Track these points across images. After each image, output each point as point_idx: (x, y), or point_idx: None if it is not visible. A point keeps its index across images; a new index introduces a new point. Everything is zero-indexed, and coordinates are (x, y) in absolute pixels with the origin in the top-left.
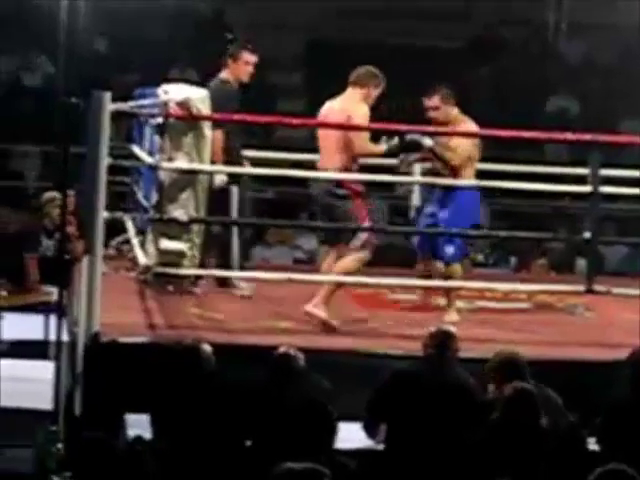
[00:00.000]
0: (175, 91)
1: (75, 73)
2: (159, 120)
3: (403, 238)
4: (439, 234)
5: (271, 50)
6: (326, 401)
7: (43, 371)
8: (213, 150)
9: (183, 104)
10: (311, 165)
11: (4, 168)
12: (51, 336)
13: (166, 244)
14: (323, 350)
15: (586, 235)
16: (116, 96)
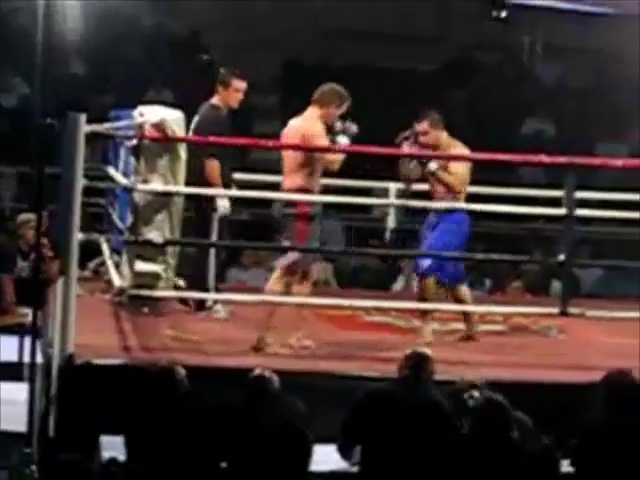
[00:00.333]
0: (150, 113)
1: (51, 94)
2: (134, 142)
3: (377, 260)
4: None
5: (247, 71)
6: (301, 423)
7: (17, 393)
8: (211, 179)
9: (158, 126)
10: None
11: None
12: (25, 358)
13: (141, 266)
14: (298, 372)
15: (561, 258)
16: (92, 117)
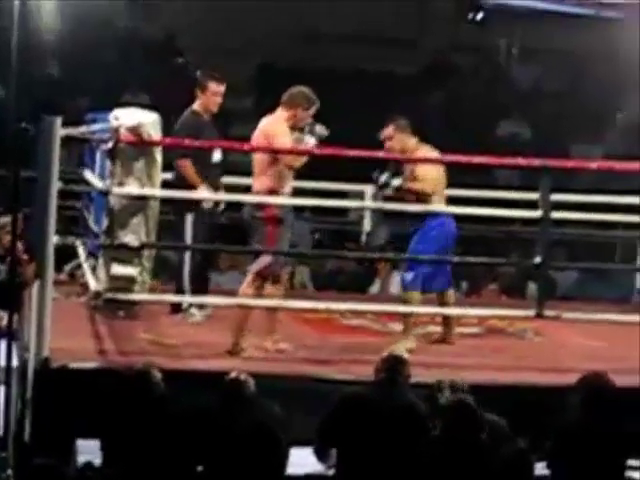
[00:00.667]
0: (126, 116)
1: (26, 97)
2: (110, 145)
3: (354, 263)
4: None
5: (222, 74)
6: (277, 426)
7: None
8: (188, 179)
9: (134, 129)
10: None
11: None
12: (1, 361)
13: (117, 269)
14: (274, 375)
15: (537, 260)
16: (68, 120)
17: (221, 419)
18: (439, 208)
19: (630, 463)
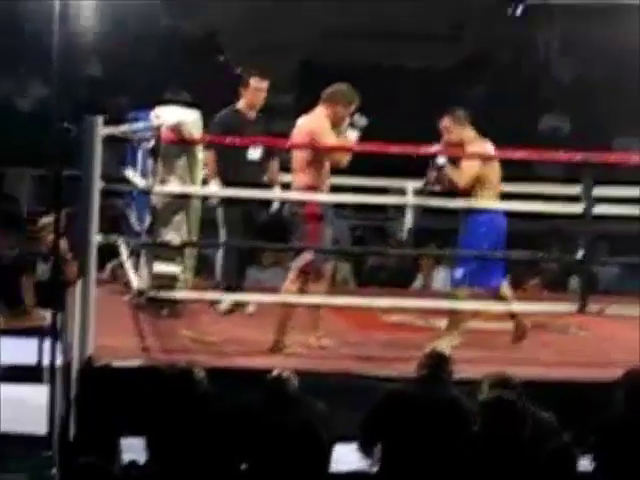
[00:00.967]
0: (167, 114)
1: (68, 97)
2: (151, 144)
3: (395, 259)
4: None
5: (264, 71)
6: (320, 424)
7: (37, 396)
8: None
9: (175, 128)
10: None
11: None
12: (45, 360)
13: (159, 267)
14: (317, 373)
15: (579, 255)
16: (109, 119)
17: (264, 417)
18: (478, 204)
19: None
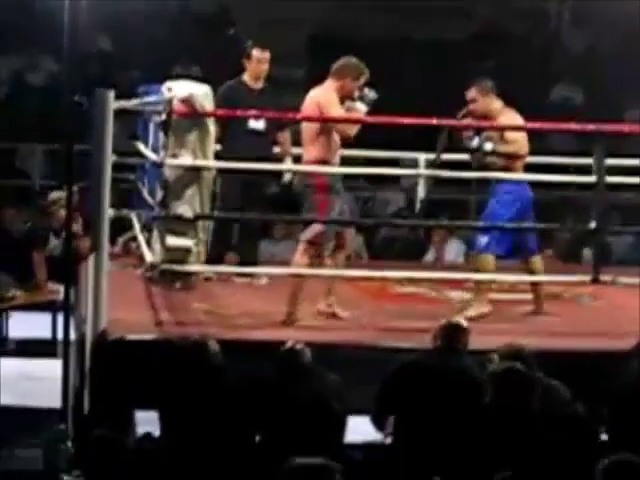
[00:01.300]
0: (178, 88)
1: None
2: (163, 117)
3: (407, 230)
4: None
5: (274, 45)
6: (334, 396)
7: (51, 369)
8: None
9: (187, 101)
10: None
11: (10, 167)
12: (59, 334)
13: (172, 241)
14: (330, 344)
15: (592, 225)
16: (120, 93)
17: (278, 389)
18: (502, 175)
19: None
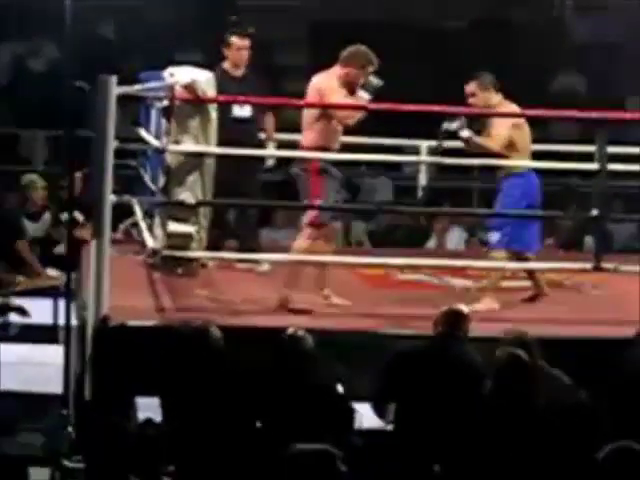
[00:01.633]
0: (181, 74)
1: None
2: (165, 103)
3: (409, 218)
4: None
5: (275, 31)
6: (335, 382)
7: (53, 355)
8: None
9: (189, 87)
10: None
11: (11, 153)
12: (60, 320)
13: (174, 227)
14: (332, 331)
15: (594, 213)
16: (122, 79)
17: (279, 375)
18: (502, 162)
19: None
